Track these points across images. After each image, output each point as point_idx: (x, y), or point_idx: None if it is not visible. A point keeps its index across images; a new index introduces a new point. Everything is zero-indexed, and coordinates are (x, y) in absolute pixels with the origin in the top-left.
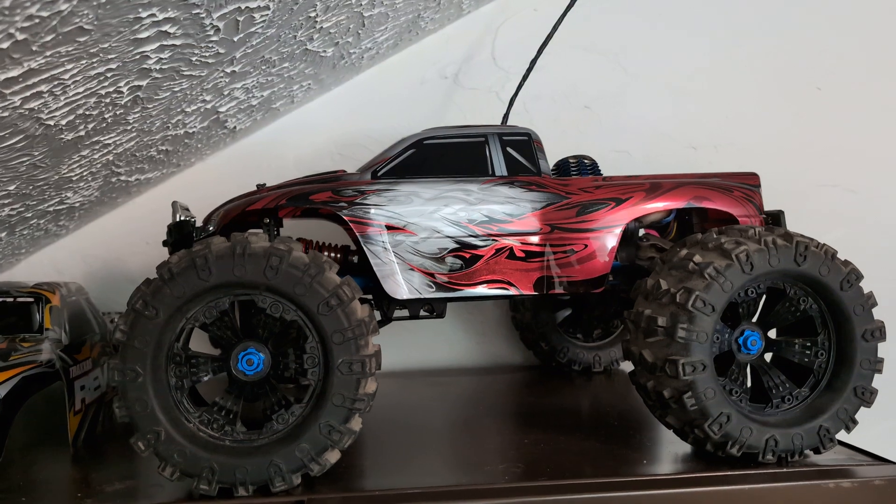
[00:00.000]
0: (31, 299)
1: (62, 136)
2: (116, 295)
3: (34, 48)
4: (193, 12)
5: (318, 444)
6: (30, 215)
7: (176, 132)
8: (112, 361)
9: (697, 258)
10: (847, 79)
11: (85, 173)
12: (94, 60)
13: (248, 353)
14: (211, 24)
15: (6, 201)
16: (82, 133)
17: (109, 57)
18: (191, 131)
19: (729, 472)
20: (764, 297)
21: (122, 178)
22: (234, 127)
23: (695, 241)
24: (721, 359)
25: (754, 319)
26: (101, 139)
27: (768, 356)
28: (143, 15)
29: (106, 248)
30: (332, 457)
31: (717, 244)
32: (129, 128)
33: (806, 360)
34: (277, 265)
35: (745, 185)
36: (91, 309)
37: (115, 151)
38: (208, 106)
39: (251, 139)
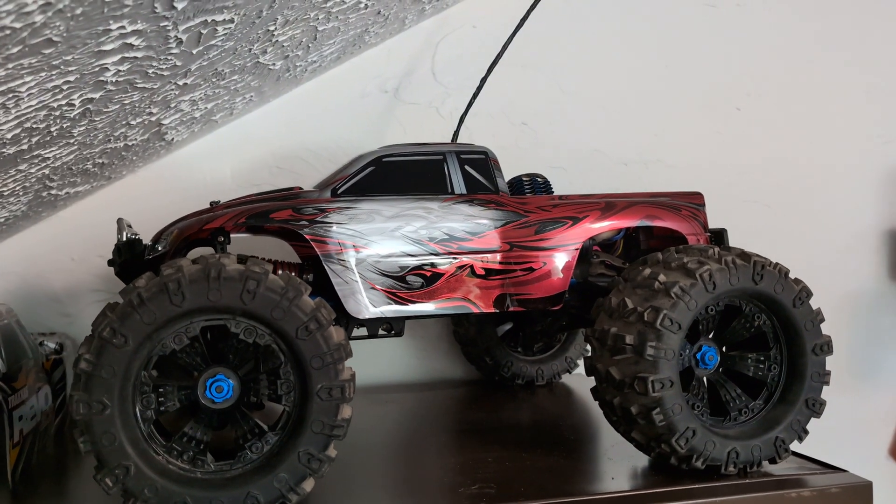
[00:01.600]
0: None
1: (3, 150)
2: (38, 314)
3: None
4: (161, 24)
5: (296, 473)
6: None
7: (116, 145)
8: (76, 393)
9: (662, 277)
10: (763, 100)
11: (17, 188)
12: (54, 73)
13: (217, 380)
14: (175, 36)
15: None
16: (24, 147)
17: (70, 69)
18: (130, 144)
19: (698, 485)
20: (721, 313)
21: (54, 191)
22: (172, 139)
23: (656, 259)
24: (682, 373)
25: (710, 335)
26: (42, 153)
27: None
28: (113, 27)
29: (26, 264)
30: (309, 485)
31: (680, 263)
32: (71, 141)
33: (760, 373)
34: (254, 289)
35: (691, 203)
36: (23, 332)
37: (52, 165)
38: (153, 118)
39: (186, 150)
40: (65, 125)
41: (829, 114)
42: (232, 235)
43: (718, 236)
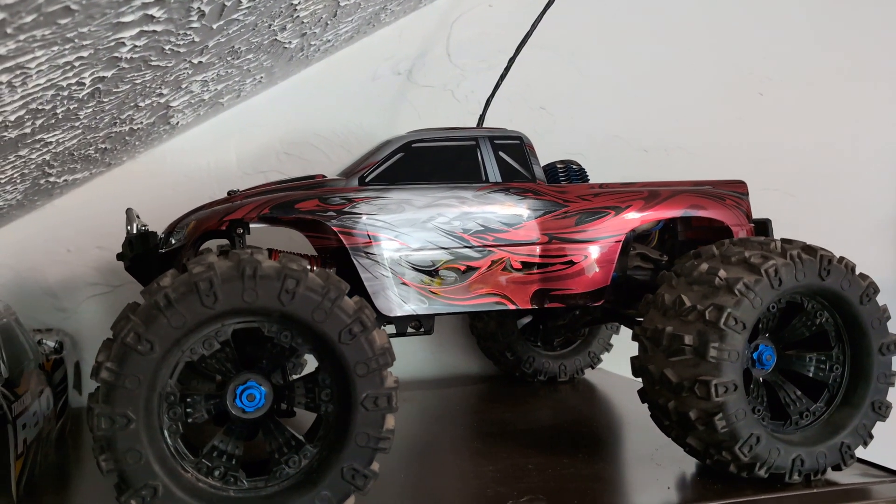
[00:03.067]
0: None
1: (5, 133)
2: (32, 310)
3: (8, 31)
4: None
5: (340, 490)
6: None
7: (121, 129)
8: (96, 406)
9: (723, 273)
10: (786, 86)
11: (15, 175)
12: (67, 47)
13: (249, 388)
14: (198, 7)
15: None
16: (28, 130)
17: (84, 43)
18: (135, 128)
19: (763, 496)
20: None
21: (52, 179)
22: (177, 123)
23: (711, 253)
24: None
25: (767, 334)
26: (45, 137)
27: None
28: None
29: (19, 256)
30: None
31: (742, 258)
32: (76, 124)
33: (821, 374)
34: (293, 288)
35: (735, 192)
36: (22, 332)
37: (54, 150)
38: (162, 100)
39: (189, 135)
40: (72, 107)
41: (853, 100)
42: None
43: (762, 227)
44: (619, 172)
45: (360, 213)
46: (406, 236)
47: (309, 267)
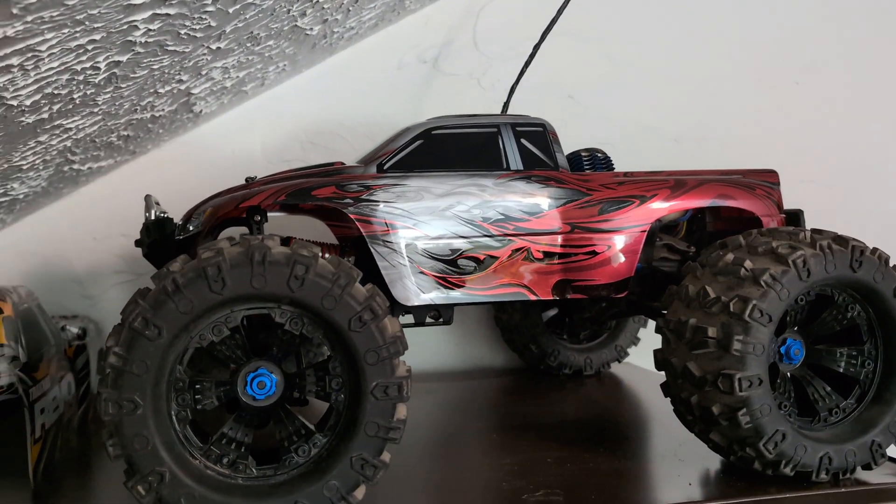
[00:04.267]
0: None
1: (22, 118)
2: (59, 296)
3: (15, 11)
4: None
5: (349, 480)
6: None
7: (142, 116)
8: (105, 391)
9: (749, 263)
10: (824, 74)
11: (37, 161)
12: (78, 30)
13: (259, 375)
14: None
15: None
16: (45, 115)
17: (95, 26)
18: (157, 115)
19: (788, 494)
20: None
21: (76, 166)
22: (200, 111)
23: (738, 243)
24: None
25: (795, 327)
26: (64, 123)
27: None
28: None
29: (47, 243)
30: (361, 493)
31: (769, 248)
32: (96, 110)
33: (852, 369)
34: (303, 275)
35: (766, 182)
36: (44, 317)
37: (74, 137)
38: (182, 87)
39: (214, 123)
40: (88, 92)
41: (894, 89)
42: (269, 214)
43: (794, 218)
44: (648, 163)
45: (378, 201)
46: (424, 224)
47: (321, 254)
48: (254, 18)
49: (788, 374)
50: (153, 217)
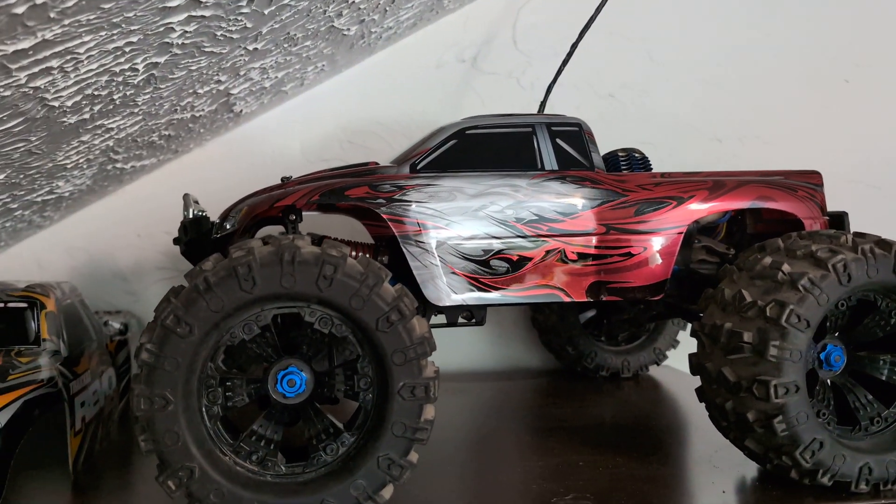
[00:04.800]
0: (24, 304)
1: (64, 119)
2: (104, 292)
3: (52, 14)
4: None
5: (375, 479)
6: (15, 206)
7: (182, 116)
8: (137, 386)
9: (787, 267)
10: (875, 72)
11: (81, 160)
12: (115, 32)
13: (290, 373)
14: None
15: None
16: (87, 116)
17: (132, 28)
18: (197, 115)
19: None
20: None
21: (119, 165)
22: (241, 111)
23: (777, 247)
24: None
25: (836, 333)
26: (105, 123)
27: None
28: None
29: (92, 240)
30: (388, 493)
31: (808, 252)
32: (136, 110)
33: (895, 377)
34: (331, 275)
35: (808, 183)
36: (86, 312)
37: (116, 136)
38: (221, 87)
39: (255, 123)
40: (128, 93)
41: None
42: (303, 213)
43: (838, 220)
44: (690, 162)
45: (410, 201)
46: (457, 225)
47: (352, 254)
48: (290, 19)
49: (828, 381)
50: (191, 216)
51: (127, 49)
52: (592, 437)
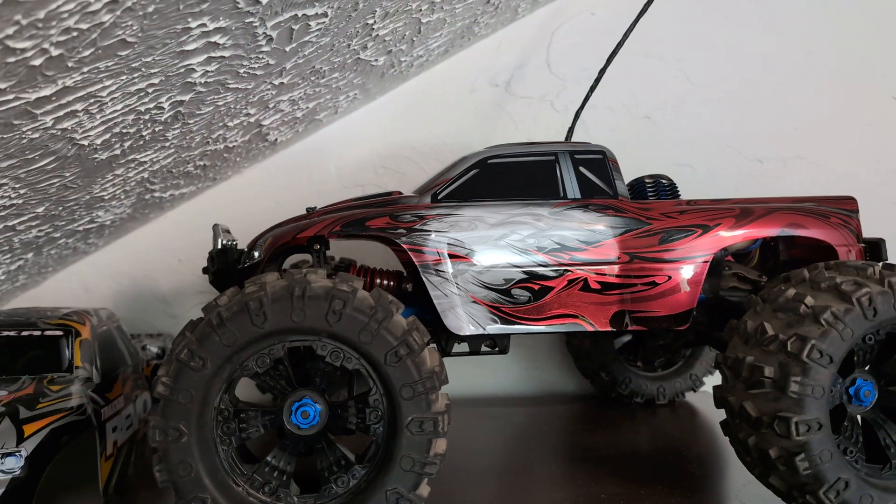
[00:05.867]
0: (59, 332)
1: (96, 155)
2: (146, 315)
3: (70, 64)
4: (247, 21)
5: None
6: (58, 235)
7: (216, 147)
8: (153, 418)
9: (810, 300)
10: None
11: (118, 192)
12: (136, 76)
13: (304, 405)
14: (264, 33)
15: (34, 223)
16: (118, 152)
17: (152, 71)
18: (231, 146)
19: None
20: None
21: (157, 194)
22: (276, 139)
23: (802, 278)
24: (832, 412)
25: (867, 367)
26: (137, 157)
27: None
28: (193, 25)
29: (136, 265)
30: None
31: (832, 284)
32: (167, 144)
33: None
34: (340, 309)
35: (843, 210)
36: (122, 338)
37: (150, 169)
38: (251, 119)
39: (291, 150)
40: (157, 129)
41: None
42: (333, 240)
43: (875, 248)
44: (730, 185)
45: (430, 231)
46: (478, 254)
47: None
48: (313, 55)
49: (858, 417)
50: (219, 246)
51: (150, 90)
52: (618, 467)
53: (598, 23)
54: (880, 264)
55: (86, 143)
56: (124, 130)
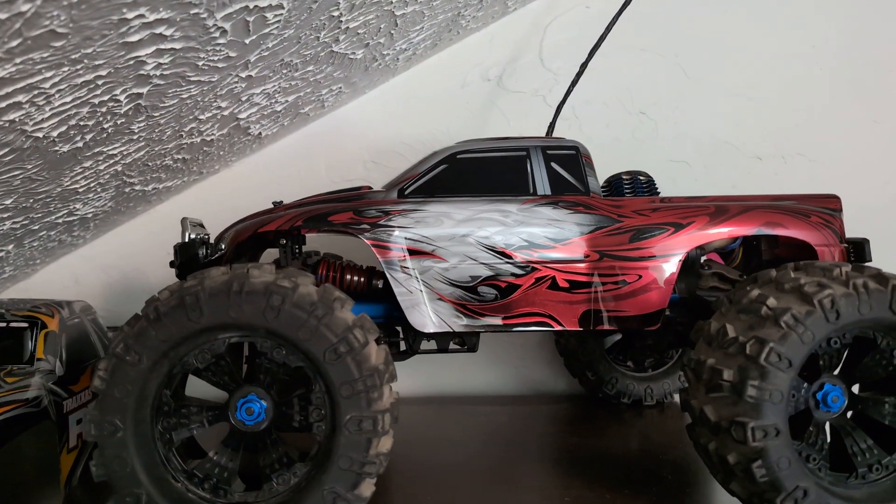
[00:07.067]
0: (24, 324)
1: (56, 148)
2: (136, 308)
3: (0, 55)
4: (192, 13)
5: None
6: (37, 227)
7: (192, 140)
8: (90, 412)
9: (772, 302)
10: None
11: (92, 184)
12: (79, 67)
13: (249, 401)
14: (215, 25)
15: (5, 215)
16: (80, 144)
17: (96, 63)
18: (209, 139)
19: None
20: (849, 346)
21: (137, 187)
22: (260, 133)
23: (768, 278)
24: (796, 417)
25: (836, 372)
26: (104, 150)
27: (848, 415)
28: (130, 16)
29: (126, 258)
30: None
31: (796, 286)
32: (134, 137)
33: None
34: (279, 305)
35: (824, 208)
36: (97, 330)
37: (123, 162)
38: (225, 113)
39: (280, 145)
40: (119, 122)
41: None
42: (312, 234)
43: (858, 249)
44: (727, 182)
45: (394, 227)
46: (443, 251)
47: (347, 278)
48: (279, 47)
49: (826, 423)
50: (186, 240)
51: (99, 82)
52: (591, 470)
53: (592, 16)
54: (849, 265)
55: (40, 134)
56: (82, 123)
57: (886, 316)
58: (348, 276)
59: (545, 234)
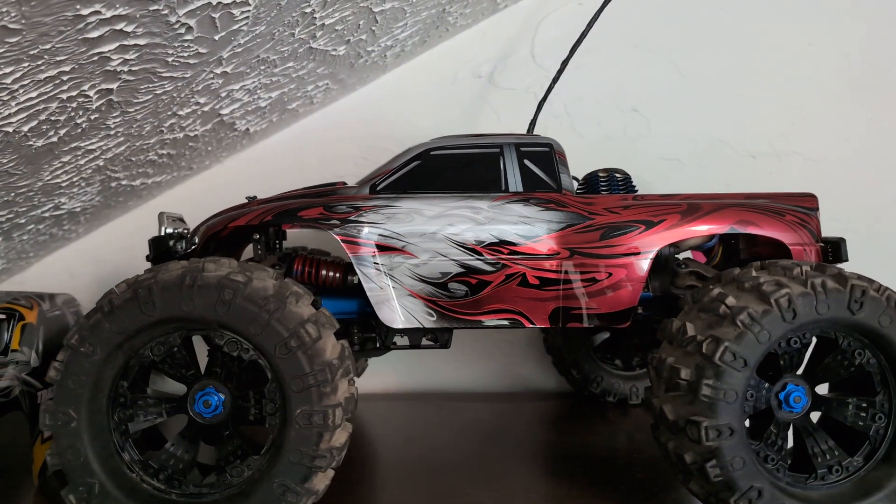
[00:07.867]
0: (2, 316)
1: (30, 142)
2: None
3: None
4: (151, 9)
5: None
6: (23, 221)
7: (174, 136)
8: (46, 402)
9: (731, 300)
10: None
11: (75, 179)
12: (40, 63)
13: (207, 394)
14: (178, 21)
15: None
16: (54, 139)
17: (58, 59)
18: (192, 134)
19: None
20: (812, 345)
21: (124, 182)
22: (248, 129)
23: (731, 277)
24: (757, 417)
25: (799, 371)
26: (82, 145)
27: (815, 416)
28: (85, 12)
29: (119, 252)
30: None
31: (755, 284)
32: (111, 133)
33: (861, 423)
34: (230, 299)
35: (800, 207)
36: None
37: (104, 157)
38: (206, 108)
39: (271, 141)
40: (92, 117)
41: None
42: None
43: (835, 248)
44: (719, 180)
45: (364, 223)
46: (413, 247)
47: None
48: (252, 44)
49: (790, 423)
50: (162, 234)
51: (64, 78)
52: (562, 468)
53: (584, 13)
54: (810, 265)
55: (10, 129)
56: (54, 118)
57: (845, 316)
58: (323, 272)
59: (516, 231)
